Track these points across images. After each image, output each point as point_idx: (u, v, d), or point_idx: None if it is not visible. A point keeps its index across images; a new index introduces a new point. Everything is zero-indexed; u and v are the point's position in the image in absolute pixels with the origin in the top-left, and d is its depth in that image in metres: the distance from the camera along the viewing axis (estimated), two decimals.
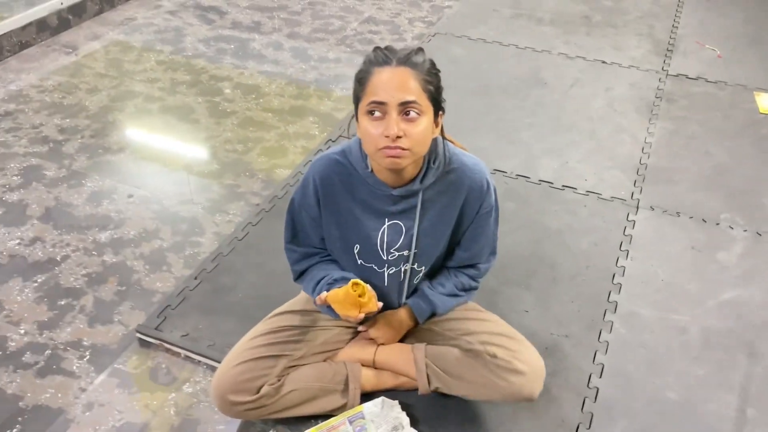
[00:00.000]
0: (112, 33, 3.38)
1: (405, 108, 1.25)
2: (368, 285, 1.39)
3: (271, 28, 3.49)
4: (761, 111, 2.88)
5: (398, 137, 1.24)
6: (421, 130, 1.27)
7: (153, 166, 2.44)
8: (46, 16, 3.24)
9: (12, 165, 2.41)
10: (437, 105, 1.32)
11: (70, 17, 3.37)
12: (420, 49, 1.30)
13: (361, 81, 1.29)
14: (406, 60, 1.26)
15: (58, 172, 2.39)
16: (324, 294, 1.40)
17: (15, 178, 2.35)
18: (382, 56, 1.27)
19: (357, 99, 1.31)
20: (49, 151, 2.49)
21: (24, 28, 3.13)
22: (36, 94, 2.84)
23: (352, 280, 1.36)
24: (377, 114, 1.25)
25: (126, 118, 2.71)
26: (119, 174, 2.39)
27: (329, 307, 1.40)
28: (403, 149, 1.26)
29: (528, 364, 1.46)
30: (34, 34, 3.19)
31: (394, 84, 1.24)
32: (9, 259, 2.02)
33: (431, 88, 1.28)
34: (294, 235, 1.54)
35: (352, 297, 1.35)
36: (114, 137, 2.59)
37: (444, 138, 1.41)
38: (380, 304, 1.41)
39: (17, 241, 2.09)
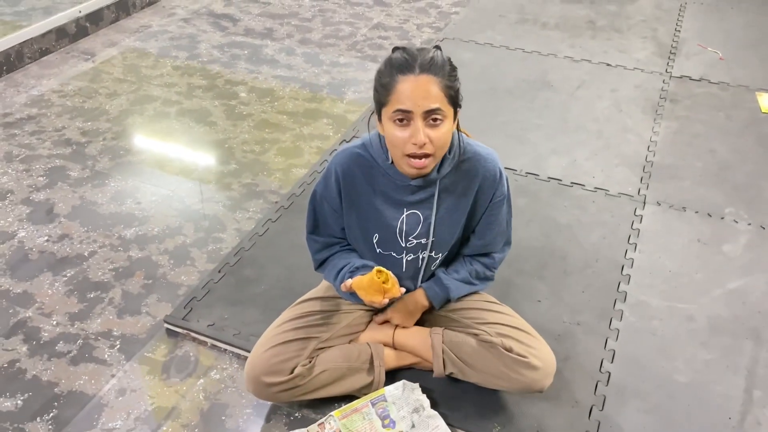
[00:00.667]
0: (128, 40, 3.47)
1: (430, 115, 1.32)
2: (390, 272, 1.46)
3: (283, 35, 3.58)
4: (763, 111, 2.96)
5: (424, 143, 1.33)
6: (444, 133, 1.35)
7: (173, 166, 2.52)
8: (65, 24, 3.33)
9: (37, 166, 2.49)
10: (456, 105, 1.38)
11: (88, 25, 3.46)
12: (437, 48, 1.37)
13: (385, 86, 1.34)
14: (429, 67, 1.31)
15: (82, 172, 2.47)
16: (349, 281, 1.47)
17: (41, 178, 2.43)
18: (405, 62, 1.31)
19: (381, 103, 1.36)
20: (72, 152, 2.58)
21: (44, 35, 3.22)
22: (57, 98, 2.92)
23: (376, 268, 1.44)
24: (404, 122, 1.33)
25: (145, 120, 2.80)
26: (141, 174, 2.47)
27: (353, 293, 1.47)
28: (428, 155, 1.35)
29: (542, 360, 1.53)
30: (54, 41, 3.28)
31: (419, 94, 1.30)
32: (39, 254, 2.10)
33: (452, 92, 1.35)
34: (316, 225, 1.61)
35: (377, 284, 1.42)
36: (135, 139, 2.67)
37: (458, 129, 1.48)
38: (403, 290, 1.48)
39: (46, 237, 2.16)
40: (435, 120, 1.32)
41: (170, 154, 2.60)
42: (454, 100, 1.36)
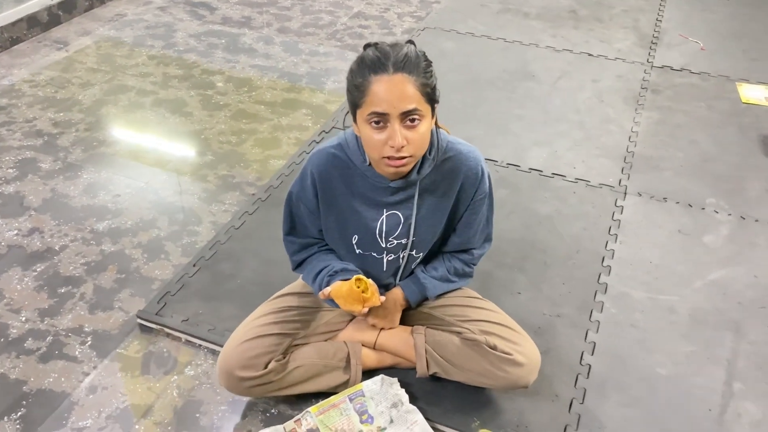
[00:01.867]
0: (102, 29, 3.39)
1: (407, 117, 1.27)
2: (370, 280, 1.42)
3: (261, 23, 3.52)
4: (743, 101, 2.96)
5: (402, 146, 1.28)
6: (422, 133, 1.30)
7: (148, 158, 2.47)
8: (37, 12, 3.24)
9: (7, 158, 2.42)
10: (433, 102, 1.33)
11: (60, 13, 3.37)
12: (411, 43, 1.31)
13: (358, 87, 1.28)
14: (403, 65, 1.25)
15: (54, 164, 2.41)
16: (327, 289, 1.43)
17: (10, 170, 2.36)
18: (378, 61, 1.26)
19: (355, 104, 1.31)
20: (43, 144, 2.51)
21: (15, 24, 3.14)
22: (28, 88, 2.85)
23: (355, 276, 1.40)
24: (380, 124, 1.28)
25: (120, 111, 2.73)
26: (115, 166, 2.41)
27: (332, 300, 1.44)
28: (406, 156, 1.30)
29: (526, 356, 1.51)
30: (25, 30, 3.20)
31: (395, 95, 1.25)
32: (8, 249, 2.04)
33: (428, 89, 1.29)
34: (292, 226, 1.57)
35: (356, 293, 1.39)
36: (108, 130, 2.61)
37: (437, 126, 1.44)
38: (383, 298, 1.45)
39: (15, 231, 2.10)
40: (413, 120, 1.27)
41: (145, 145, 2.55)
42: (431, 97, 1.31)
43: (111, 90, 2.86)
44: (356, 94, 1.29)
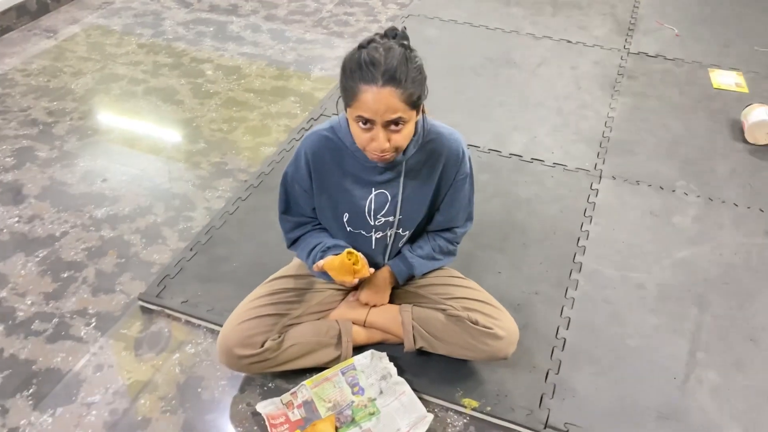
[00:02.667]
0: (90, 17, 3.44)
1: (391, 123, 1.36)
2: (360, 253, 1.53)
3: (248, 11, 3.58)
4: (714, 86, 3.08)
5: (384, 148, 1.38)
6: (405, 135, 1.40)
7: (142, 146, 2.54)
8: (26, 0, 3.28)
9: (4, 147, 2.49)
10: (419, 105, 1.40)
11: (49, 2, 3.41)
12: (404, 42, 1.35)
13: (348, 90, 1.34)
14: (392, 77, 1.30)
15: (50, 153, 2.48)
16: (321, 262, 1.54)
17: (8, 159, 2.43)
18: (368, 72, 1.30)
19: (345, 101, 1.38)
20: (39, 133, 2.58)
21: (4, 12, 3.18)
22: (21, 78, 2.90)
23: (346, 250, 1.51)
24: (367, 125, 1.37)
25: (112, 100, 2.80)
26: (110, 154, 2.49)
27: (325, 273, 1.55)
28: (389, 153, 1.41)
29: (505, 330, 1.62)
30: (14, 19, 3.24)
31: (381, 106, 1.31)
32: (10, 236, 2.12)
33: (414, 98, 1.35)
34: (287, 206, 1.67)
35: (347, 265, 1.50)
36: (102, 119, 2.68)
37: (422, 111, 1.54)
38: (372, 270, 1.56)
39: (16, 219, 2.18)
40: (397, 124, 1.36)
41: (138, 133, 2.62)
42: (417, 103, 1.38)
43: (103, 79, 2.93)
44: (346, 95, 1.37)
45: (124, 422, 1.61)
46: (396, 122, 1.36)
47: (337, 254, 1.55)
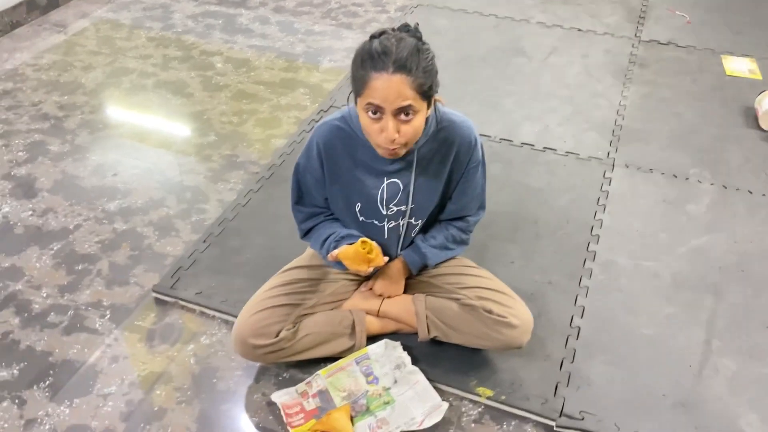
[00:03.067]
0: (100, 11, 3.44)
1: (401, 112, 1.35)
2: (374, 242, 1.53)
3: (257, 3, 3.57)
4: (728, 73, 3.05)
5: (394, 139, 1.37)
6: (415, 126, 1.38)
7: (153, 139, 2.55)
8: None
9: (17, 141, 2.50)
10: (431, 96, 1.39)
11: None
12: (416, 33, 1.35)
13: (358, 79, 1.35)
14: (402, 66, 1.30)
15: (62, 147, 2.49)
16: (335, 252, 1.54)
17: (21, 153, 2.45)
18: (379, 59, 1.31)
19: (355, 91, 1.39)
20: (51, 127, 2.59)
21: (15, 8, 3.19)
22: (32, 72, 2.91)
23: (360, 239, 1.51)
24: (376, 114, 1.36)
25: (123, 93, 2.81)
26: (121, 147, 2.50)
27: (339, 262, 1.55)
28: (399, 146, 1.40)
29: (520, 319, 1.62)
30: (25, 14, 3.25)
31: (391, 93, 1.31)
32: (24, 229, 2.13)
33: (425, 87, 1.34)
34: (300, 196, 1.67)
35: (362, 254, 1.50)
36: (113, 112, 2.69)
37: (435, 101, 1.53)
38: (386, 258, 1.56)
39: (30, 212, 2.20)
40: (407, 114, 1.35)
41: (149, 126, 2.63)
42: (429, 94, 1.37)
43: (113, 73, 2.93)
44: (357, 83, 1.37)
45: (140, 412, 1.62)
46: (406, 112, 1.35)
47: (351, 243, 1.55)
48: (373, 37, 1.36)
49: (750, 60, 3.15)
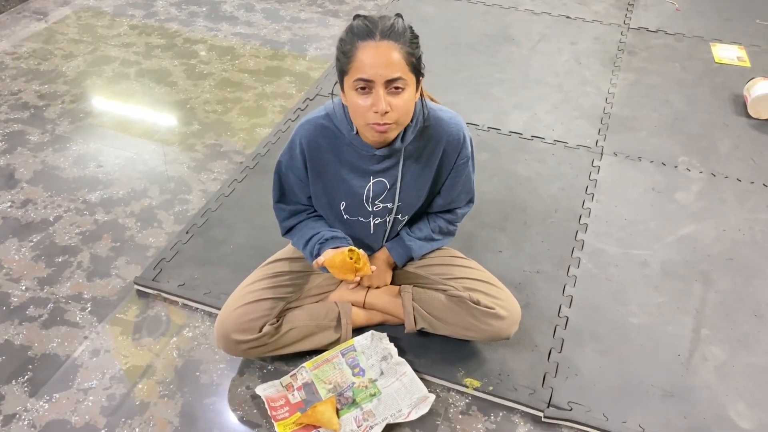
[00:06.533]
0: None
1: (391, 84, 1.32)
2: (361, 250, 1.49)
3: None
4: (717, 61, 3.03)
5: (386, 112, 1.33)
6: (405, 101, 1.35)
7: (135, 128, 2.50)
8: None
9: None
10: (418, 73, 1.38)
11: None
12: (399, 16, 1.36)
13: (345, 54, 1.33)
14: (389, 33, 1.30)
15: (42, 136, 2.44)
16: (321, 258, 1.50)
17: None
18: (366, 29, 1.30)
19: (342, 71, 1.35)
20: (30, 116, 2.53)
21: None
22: (11, 61, 2.85)
23: (348, 248, 1.47)
24: (365, 90, 1.33)
25: (104, 82, 2.75)
26: (103, 137, 2.45)
27: (324, 267, 1.51)
28: (390, 123, 1.35)
29: (508, 310, 1.60)
30: (3, 1, 3.18)
31: (380, 61, 1.29)
32: (3, 221, 2.09)
33: (413, 59, 1.33)
34: (282, 194, 1.63)
35: (349, 264, 1.46)
36: (94, 101, 2.64)
37: (422, 96, 1.48)
38: (374, 268, 1.53)
39: (9, 203, 2.15)
40: (397, 88, 1.32)
41: (132, 115, 2.58)
42: (416, 68, 1.36)
43: (94, 61, 2.88)
44: (344, 61, 1.34)
45: (123, 407, 1.58)
46: (396, 85, 1.32)
47: (335, 247, 1.52)
48: (355, 17, 1.35)
49: (739, 47, 3.13)
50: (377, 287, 1.72)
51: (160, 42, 3.03)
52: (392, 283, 1.74)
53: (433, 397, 1.56)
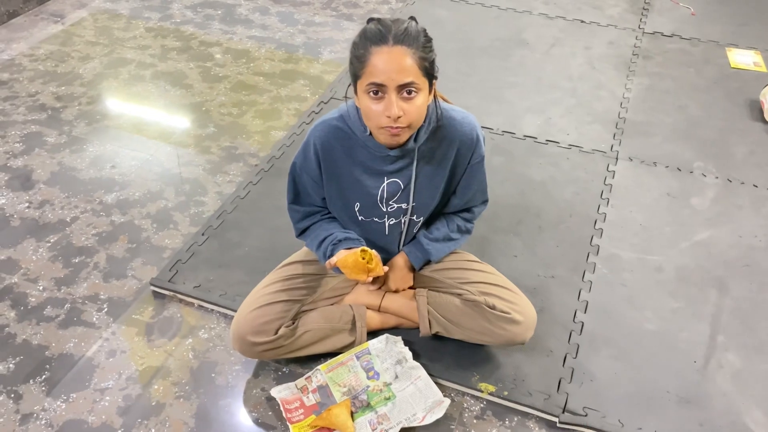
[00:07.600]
0: (97, 1, 3.40)
1: (404, 89, 1.32)
2: (374, 251, 1.49)
3: None
4: (732, 66, 3.02)
5: (398, 117, 1.33)
6: (418, 105, 1.35)
7: (151, 131, 2.52)
8: None
9: (13, 132, 2.47)
10: (431, 77, 1.38)
11: None
12: (412, 19, 1.36)
13: (359, 58, 1.33)
14: (403, 38, 1.29)
15: (59, 138, 2.46)
16: (333, 259, 1.50)
17: (17, 145, 2.42)
18: (379, 34, 1.30)
19: (356, 75, 1.36)
20: (48, 118, 2.56)
21: None
22: (29, 63, 2.88)
23: (360, 248, 1.48)
24: (378, 94, 1.33)
25: (120, 84, 2.77)
26: (119, 139, 2.47)
27: (337, 268, 1.52)
28: (403, 126, 1.35)
29: (523, 315, 1.59)
30: (21, 4, 3.21)
31: (393, 66, 1.29)
32: (20, 221, 2.11)
33: (426, 64, 1.33)
34: (296, 195, 1.63)
35: (361, 264, 1.46)
36: (111, 103, 2.66)
37: (435, 97, 1.48)
38: (386, 268, 1.53)
39: (26, 204, 2.17)
40: (409, 92, 1.32)
41: (147, 118, 2.60)
42: (429, 72, 1.36)
43: (111, 63, 2.90)
44: (357, 65, 1.34)
45: (138, 407, 1.59)
46: (408, 90, 1.32)
47: (348, 248, 1.52)
48: (369, 21, 1.36)
49: (755, 52, 3.12)
50: (397, 291, 1.72)
51: (176, 44, 3.05)
52: None
53: (448, 401, 1.56)
